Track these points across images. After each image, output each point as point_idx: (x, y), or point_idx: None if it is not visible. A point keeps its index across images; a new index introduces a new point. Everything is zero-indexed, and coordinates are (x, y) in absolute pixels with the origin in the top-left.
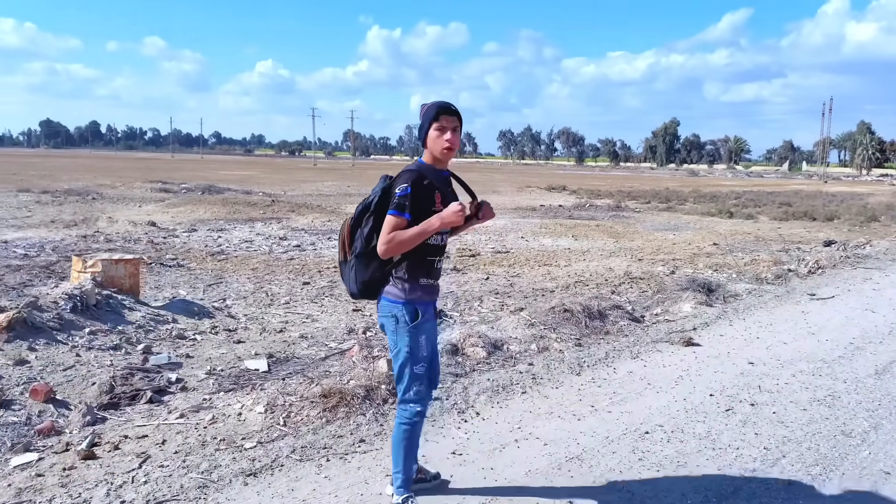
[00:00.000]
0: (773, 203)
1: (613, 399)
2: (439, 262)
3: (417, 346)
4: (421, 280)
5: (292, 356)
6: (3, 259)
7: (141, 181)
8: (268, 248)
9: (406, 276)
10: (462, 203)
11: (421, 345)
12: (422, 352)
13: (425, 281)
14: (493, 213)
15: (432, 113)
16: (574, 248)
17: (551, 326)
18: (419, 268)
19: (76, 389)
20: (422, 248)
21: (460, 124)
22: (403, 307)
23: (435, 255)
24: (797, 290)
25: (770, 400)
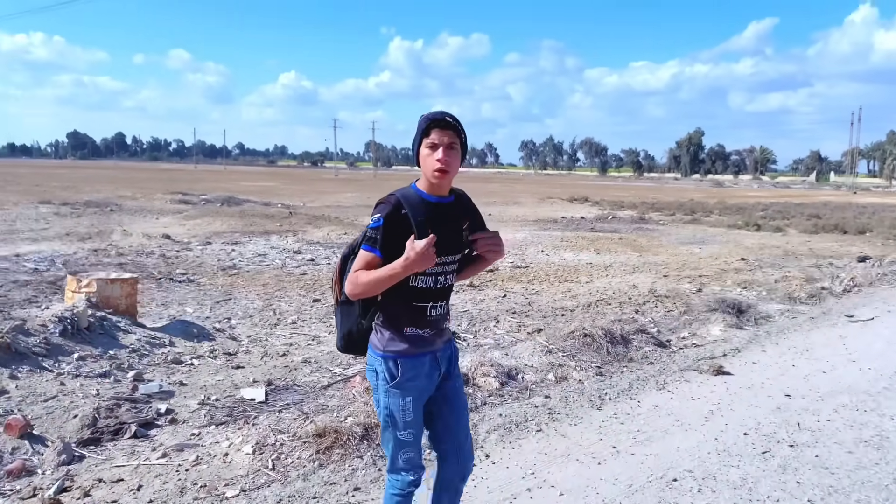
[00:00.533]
0: (801, 215)
1: (637, 438)
2: (436, 309)
3: (399, 408)
4: (406, 329)
5: (292, 384)
6: (13, 274)
7: (162, 192)
8: (281, 263)
9: (384, 323)
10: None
11: (404, 407)
12: (406, 415)
13: (412, 331)
14: (501, 250)
15: (422, 126)
16: (596, 263)
17: (570, 353)
18: (402, 315)
19: (56, 423)
20: (404, 290)
21: (459, 139)
22: (382, 361)
23: (425, 301)
24: (833, 311)
25: (811, 440)
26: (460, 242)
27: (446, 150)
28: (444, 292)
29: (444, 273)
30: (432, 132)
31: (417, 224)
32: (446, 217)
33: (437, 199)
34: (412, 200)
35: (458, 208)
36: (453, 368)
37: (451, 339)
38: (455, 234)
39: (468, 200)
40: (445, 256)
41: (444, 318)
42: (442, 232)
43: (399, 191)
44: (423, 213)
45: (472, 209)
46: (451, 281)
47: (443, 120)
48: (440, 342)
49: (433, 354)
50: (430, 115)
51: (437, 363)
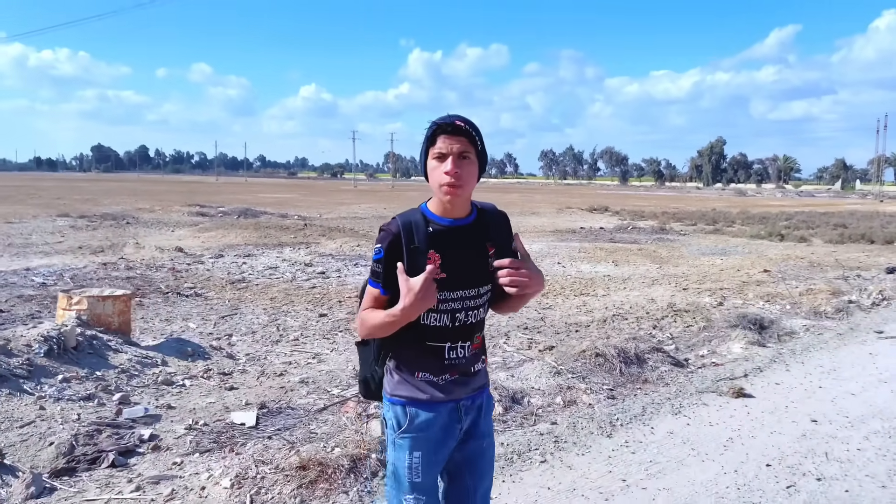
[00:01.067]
0: (826, 224)
1: (650, 470)
2: (456, 350)
3: (405, 465)
4: (418, 373)
5: (286, 406)
6: (19, 288)
7: (180, 205)
8: (291, 276)
9: (395, 365)
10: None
11: (411, 465)
12: (413, 475)
13: (426, 376)
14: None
15: (428, 135)
16: (614, 275)
17: (581, 374)
18: (415, 356)
19: (30, 451)
20: (415, 328)
21: (473, 147)
22: (390, 406)
23: (441, 340)
24: (861, 327)
25: (840, 473)
26: (485, 271)
27: (456, 160)
28: (467, 331)
29: (464, 309)
30: (439, 140)
31: (410, 252)
32: (463, 242)
33: (451, 221)
34: (416, 225)
35: (479, 229)
36: (483, 424)
37: (482, 388)
38: (476, 262)
39: (496, 217)
40: (465, 290)
41: (470, 361)
42: (456, 260)
43: (403, 214)
44: (425, 239)
45: (499, 228)
46: (475, 318)
47: (451, 125)
48: (464, 391)
49: (454, 405)
50: (438, 120)
51: (460, 415)
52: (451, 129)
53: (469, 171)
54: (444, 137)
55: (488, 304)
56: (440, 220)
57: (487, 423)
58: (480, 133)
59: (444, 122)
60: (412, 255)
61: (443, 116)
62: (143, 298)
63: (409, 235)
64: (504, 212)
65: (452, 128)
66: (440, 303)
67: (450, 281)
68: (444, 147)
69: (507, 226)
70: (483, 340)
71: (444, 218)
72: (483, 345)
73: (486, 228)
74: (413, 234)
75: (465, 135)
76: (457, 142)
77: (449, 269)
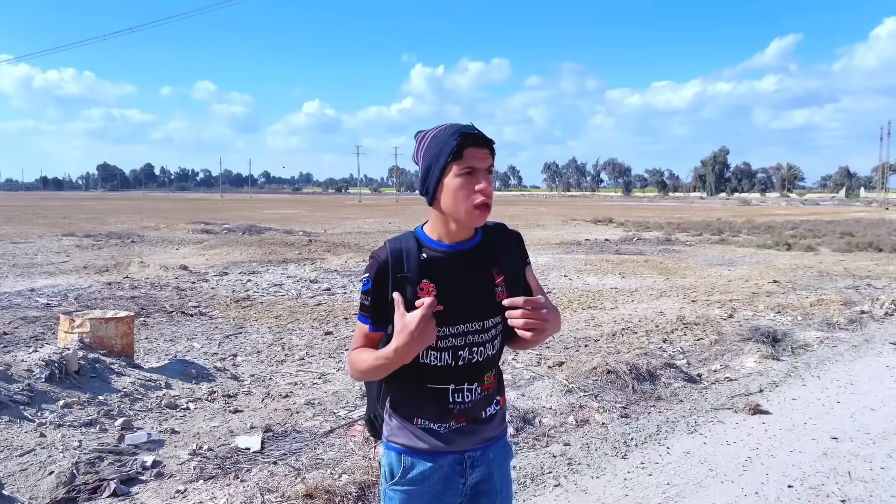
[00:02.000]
0: (833, 233)
1: (667, 493)
2: (462, 394)
3: None
4: (416, 419)
5: (292, 430)
6: (23, 309)
7: (185, 222)
8: (296, 293)
9: (392, 408)
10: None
11: None
12: None
13: (426, 423)
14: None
15: (451, 146)
16: (621, 288)
17: (593, 392)
18: (415, 400)
19: (29, 481)
20: (413, 367)
21: (492, 156)
22: (386, 453)
23: (443, 382)
24: (876, 338)
25: (865, 493)
26: (491, 302)
27: (488, 175)
28: (474, 371)
29: (468, 346)
30: (467, 153)
31: (397, 282)
32: (464, 268)
33: (449, 245)
34: (408, 251)
35: (483, 253)
36: (496, 479)
37: (496, 439)
38: (480, 291)
39: (504, 237)
40: (467, 323)
41: (480, 405)
42: (455, 290)
43: (394, 239)
44: (416, 268)
45: (508, 250)
46: (482, 355)
47: (480, 135)
48: (471, 440)
49: (459, 456)
50: (461, 129)
51: (464, 468)
52: (480, 140)
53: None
54: (473, 150)
55: (500, 339)
56: (436, 245)
57: (503, 477)
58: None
59: (472, 133)
60: (400, 284)
61: (464, 126)
62: (147, 318)
63: (397, 263)
64: (516, 231)
65: (480, 139)
66: (439, 339)
67: (448, 314)
68: (476, 161)
69: (518, 247)
70: (497, 380)
71: (440, 242)
72: (497, 385)
73: (491, 251)
74: (403, 262)
75: (489, 147)
76: (485, 156)
77: (447, 299)
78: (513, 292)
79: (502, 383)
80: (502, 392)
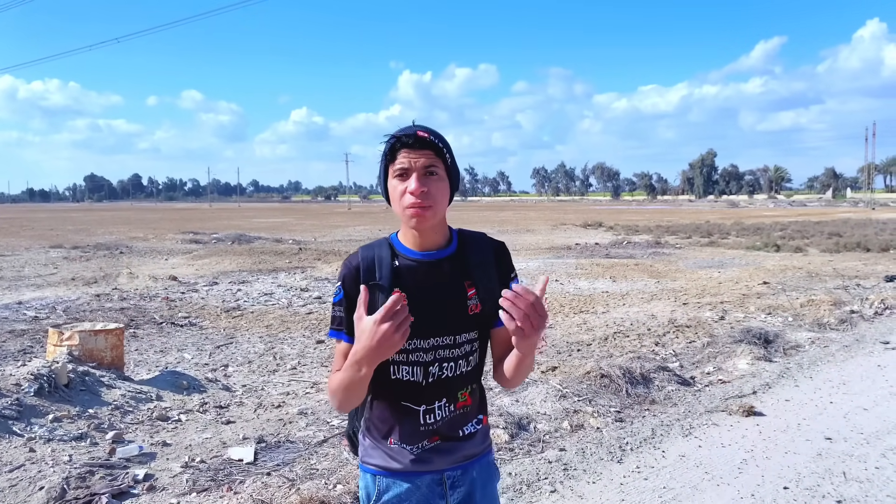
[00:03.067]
0: (821, 234)
1: (664, 497)
2: (434, 413)
3: None
4: (391, 439)
5: (285, 440)
6: (10, 323)
7: (174, 232)
8: (287, 301)
9: (366, 426)
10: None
11: None
12: None
13: (399, 443)
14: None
15: (385, 150)
16: (612, 291)
17: (587, 397)
18: (386, 418)
19: (20, 497)
20: (384, 383)
21: (441, 161)
22: (361, 474)
23: (415, 401)
24: (867, 338)
25: (860, 494)
26: (463, 315)
27: (421, 176)
28: (445, 388)
29: (438, 361)
30: (400, 155)
31: (369, 289)
32: (435, 278)
33: (422, 254)
34: (380, 258)
35: (457, 264)
36: (477, 500)
37: (478, 457)
38: (451, 304)
39: (481, 248)
40: (438, 337)
41: (455, 423)
42: (426, 301)
43: (367, 245)
44: (389, 275)
45: (484, 262)
46: (453, 371)
47: (413, 136)
48: (448, 460)
49: (438, 476)
50: (397, 132)
51: (444, 490)
52: (413, 141)
53: (438, 188)
54: (406, 152)
55: (478, 356)
56: (409, 253)
57: (486, 497)
58: (449, 145)
59: (405, 134)
60: (372, 292)
61: (403, 128)
62: (136, 329)
63: (369, 270)
64: (499, 242)
65: (415, 139)
66: (410, 353)
67: (419, 326)
68: (406, 162)
69: (500, 259)
70: (476, 398)
71: (411, 250)
72: (478, 402)
73: (465, 262)
74: (375, 269)
75: (430, 147)
76: (421, 155)
77: (418, 311)
78: (486, 306)
79: (485, 401)
80: (485, 410)
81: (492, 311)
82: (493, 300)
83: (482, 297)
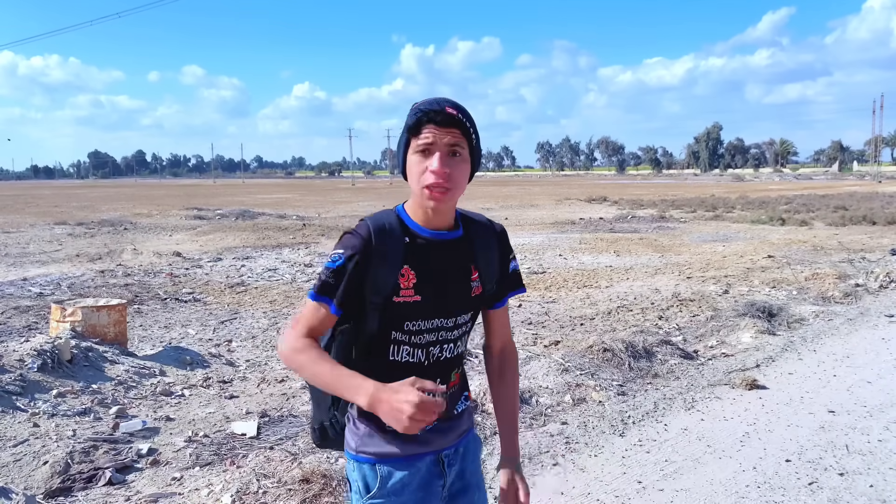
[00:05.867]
0: (827, 207)
1: (666, 470)
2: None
3: None
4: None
5: (288, 414)
6: (16, 299)
7: (178, 209)
8: (291, 277)
9: (359, 413)
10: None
11: None
12: None
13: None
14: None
15: (410, 121)
16: (616, 266)
17: (589, 371)
18: None
19: (23, 471)
20: (382, 365)
21: (467, 141)
22: (356, 466)
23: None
24: (871, 311)
25: (863, 466)
26: (466, 297)
27: (445, 156)
28: (443, 368)
29: (440, 342)
30: (425, 130)
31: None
32: (443, 260)
33: (433, 232)
34: (391, 231)
35: (463, 247)
36: (469, 474)
37: (467, 432)
38: (456, 287)
39: (486, 233)
40: (441, 318)
41: (450, 404)
42: (434, 282)
43: (375, 216)
44: (400, 251)
45: (487, 246)
46: (451, 352)
47: (442, 111)
48: (446, 439)
49: (435, 456)
50: (424, 105)
51: (442, 469)
52: (440, 118)
53: (460, 170)
54: (433, 127)
55: (467, 336)
56: (420, 230)
57: (475, 472)
58: (475, 124)
59: (432, 109)
60: (382, 265)
61: (430, 100)
62: (141, 305)
63: (381, 243)
64: (500, 226)
65: (443, 116)
66: (414, 334)
67: (425, 306)
68: (431, 138)
69: (500, 243)
70: (462, 376)
71: (423, 228)
72: (463, 381)
73: (471, 246)
74: (387, 242)
75: (458, 125)
76: (447, 133)
77: (425, 291)
78: (485, 289)
79: (466, 379)
80: (467, 388)
81: (489, 293)
82: (493, 283)
83: (483, 279)
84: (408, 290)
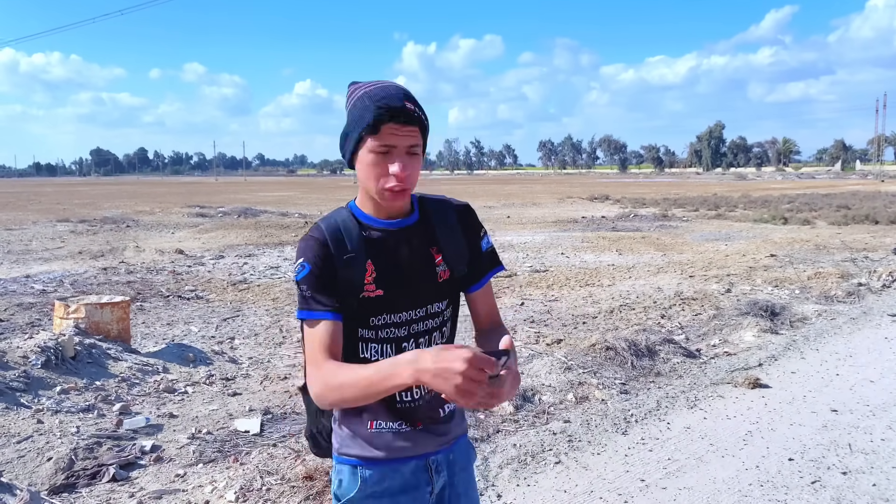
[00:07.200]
0: (829, 206)
1: (668, 469)
2: (410, 391)
3: None
4: (370, 423)
5: (291, 412)
6: (19, 296)
7: (180, 206)
8: (293, 275)
9: (341, 414)
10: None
11: None
12: None
13: (379, 425)
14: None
15: (367, 118)
16: (618, 264)
17: (592, 369)
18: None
19: (28, 467)
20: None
21: (422, 136)
22: (337, 466)
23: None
24: (874, 311)
25: (866, 465)
26: (433, 285)
27: (405, 158)
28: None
29: (413, 336)
30: (385, 129)
31: (344, 264)
32: (402, 248)
33: (386, 222)
34: (346, 229)
35: (422, 232)
36: (458, 483)
37: (458, 438)
38: (421, 275)
39: (445, 214)
40: (410, 311)
41: (433, 404)
42: (395, 274)
43: (327, 217)
44: (361, 246)
45: (449, 227)
46: (430, 345)
47: (403, 110)
48: (433, 442)
49: (421, 461)
50: (382, 101)
51: (429, 474)
52: (403, 115)
53: (418, 167)
54: (393, 127)
55: (450, 326)
56: (374, 223)
57: (466, 480)
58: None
59: (394, 107)
60: (346, 266)
61: (386, 91)
62: (143, 303)
63: (338, 243)
64: (463, 203)
65: (404, 116)
66: (379, 329)
67: (389, 300)
68: (393, 140)
69: (465, 222)
70: None
71: (375, 219)
72: None
73: (430, 229)
74: (345, 241)
75: (417, 123)
76: (408, 135)
77: (387, 284)
78: (455, 271)
79: None
80: None
81: (460, 275)
82: (462, 264)
83: (449, 261)
84: (370, 286)
